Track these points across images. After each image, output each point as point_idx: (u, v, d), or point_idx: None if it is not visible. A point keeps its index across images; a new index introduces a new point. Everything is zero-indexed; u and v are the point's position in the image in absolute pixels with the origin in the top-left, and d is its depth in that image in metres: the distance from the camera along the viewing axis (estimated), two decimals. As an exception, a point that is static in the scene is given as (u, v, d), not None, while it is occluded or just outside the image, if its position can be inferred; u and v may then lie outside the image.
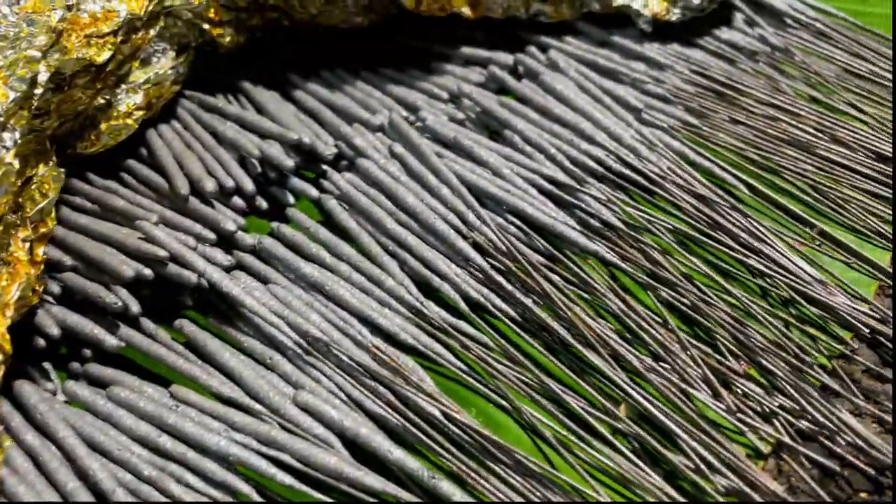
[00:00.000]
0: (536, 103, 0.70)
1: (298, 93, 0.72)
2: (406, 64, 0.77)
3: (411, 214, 0.59)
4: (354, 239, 0.58)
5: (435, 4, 0.73)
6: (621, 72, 0.76)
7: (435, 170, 0.62)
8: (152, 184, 0.60)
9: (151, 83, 0.63)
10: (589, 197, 0.62)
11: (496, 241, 0.57)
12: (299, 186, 0.62)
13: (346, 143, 0.66)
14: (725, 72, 0.78)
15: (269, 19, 0.73)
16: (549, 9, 0.80)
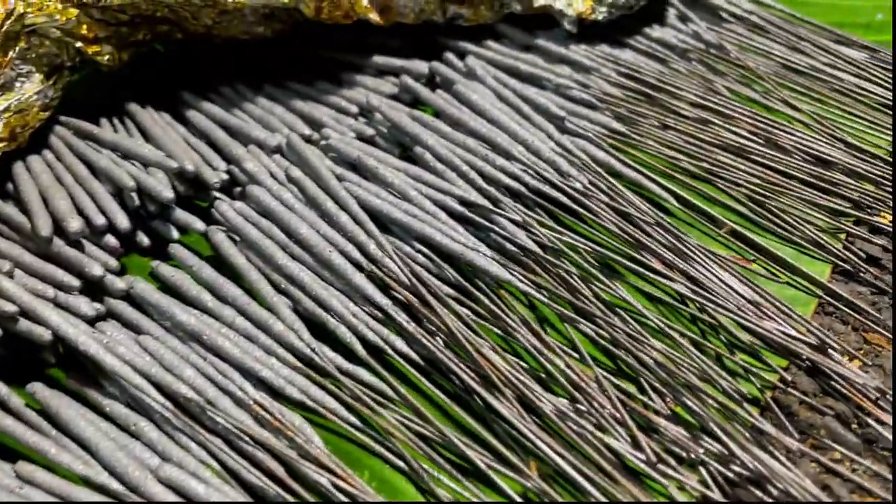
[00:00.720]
0: (450, 116, 0.65)
1: (191, 112, 0.65)
2: (314, 76, 0.71)
3: (305, 247, 0.53)
4: (243, 276, 0.52)
5: (338, 11, 0.67)
6: (544, 77, 0.71)
7: (334, 195, 0.56)
8: (14, 224, 0.54)
9: (13, 111, 0.56)
10: (504, 219, 0.56)
11: (399, 273, 0.51)
12: (184, 219, 0.56)
13: (238, 167, 0.60)
14: (656, 73, 0.74)
15: (159, 32, 0.67)
16: (467, 11, 0.75)
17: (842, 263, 0.57)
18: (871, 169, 0.64)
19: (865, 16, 0.89)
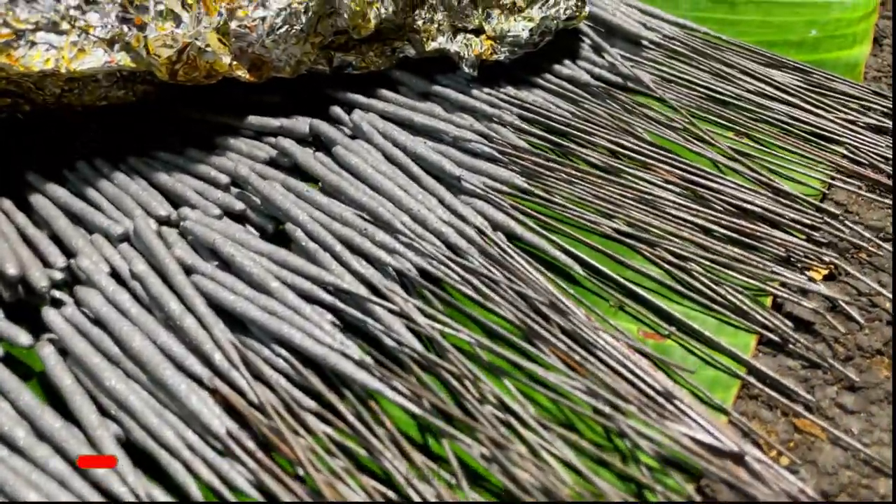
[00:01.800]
0: (329, 183, 0.58)
1: (35, 197, 0.58)
2: (184, 143, 0.64)
3: (138, 363, 0.45)
4: (66, 405, 0.44)
5: (196, 73, 0.60)
6: (442, 129, 0.64)
7: (180, 293, 0.48)
8: None
9: None
10: (381, 309, 0.49)
11: (248, 392, 0.44)
12: (6, 332, 0.48)
13: (77, 262, 0.52)
14: (567, 116, 0.67)
15: (1, 106, 0.59)
16: (355, 59, 0.68)
17: (768, 333, 0.50)
18: (800, 217, 0.57)
19: (798, 33, 0.83)
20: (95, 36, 0.56)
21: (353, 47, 0.68)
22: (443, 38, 0.68)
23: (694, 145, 0.65)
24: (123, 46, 0.57)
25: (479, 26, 0.69)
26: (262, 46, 0.62)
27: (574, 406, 0.44)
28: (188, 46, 0.58)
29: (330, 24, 0.65)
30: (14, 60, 0.53)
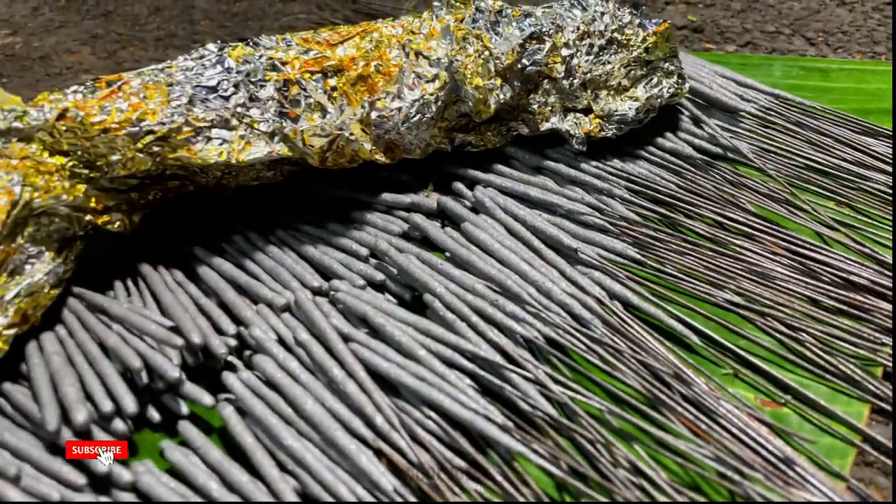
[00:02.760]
0: (460, 257, 0.64)
1: (202, 269, 0.66)
2: (324, 217, 0.71)
3: (311, 423, 0.52)
4: (248, 460, 0.51)
5: (342, 159, 0.67)
6: (555, 203, 0.69)
7: (341, 360, 0.55)
8: (24, 411, 0.54)
9: (24, 295, 0.57)
10: (516, 376, 0.54)
11: (408, 452, 0.50)
12: (193, 393, 0.56)
13: (248, 331, 0.59)
14: (671, 189, 0.72)
15: (170, 189, 0.68)
16: (474, 139, 0.75)
17: (879, 402, 0.54)
18: (905, 289, 0.60)
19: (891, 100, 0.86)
20: (259, 130, 0.64)
21: (472, 128, 0.74)
22: (555, 119, 0.74)
23: (796, 216, 0.69)
24: (282, 138, 0.65)
25: (587, 106, 0.75)
26: (397, 133, 0.69)
27: (700, 471, 0.48)
28: (338, 137, 0.66)
29: (455, 110, 0.72)
30: (193, 154, 0.62)
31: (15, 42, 1.23)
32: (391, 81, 0.69)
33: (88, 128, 0.59)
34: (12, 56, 1.18)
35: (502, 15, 0.74)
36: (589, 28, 0.74)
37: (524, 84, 0.73)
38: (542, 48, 0.72)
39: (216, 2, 1.31)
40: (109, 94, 0.61)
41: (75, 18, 1.29)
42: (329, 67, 0.68)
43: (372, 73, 0.69)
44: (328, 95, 0.67)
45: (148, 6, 1.31)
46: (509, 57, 0.71)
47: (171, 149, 0.61)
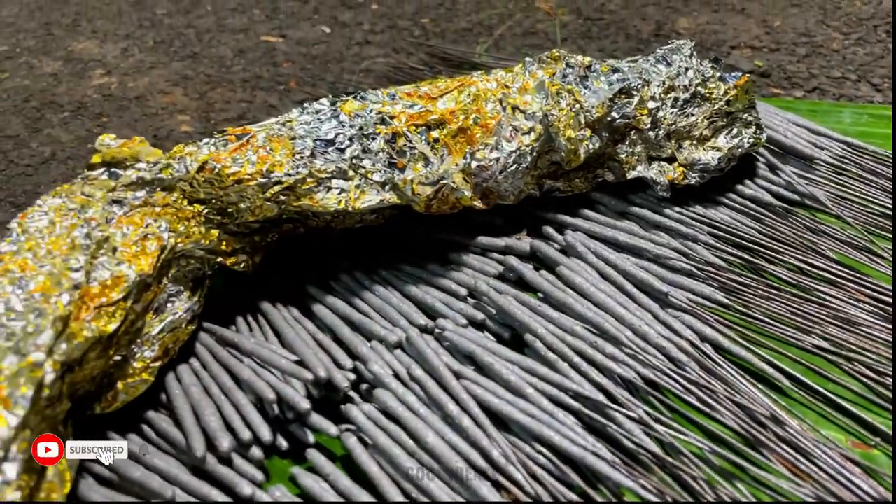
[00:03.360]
0: (556, 299, 0.68)
1: (317, 307, 0.71)
2: (423, 257, 0.76)
3: (433, 455, 0.56)
4: (375, 489, 0.56)
5: (445, 206, 0.73)
6: (643, 248, 0.74)
7: (455, 396, 0.60)
8: (171, 439, 0.59)
9: (167, 331, 0.63)
10: (620, 415, 0.58)
11: (523, 482, 0.54)
12: (319, 423, 0.61)
13: (364, 365, 0.64)
14: (753, 234, 0.75)
15: (284, 231, 0.74)
16: (562, 185, 0.79)
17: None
18: None
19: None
20: (372, 179, 0.69)
21: (560, 175, 0.79)
22: (641, 167, 0.78)
23: (876, 263, 0.72)
24: (392, 187, 0.70)
25: (671, 155, 0.79)
26: (494, 181, 0.74)
27: (800, 509, 0.52)
28: (443, 186, 0.71)
29: (547, 159, 0.77)
30: (315, 203, 0.68)
31: (110, 83, 1.31)
32: (489, 133, 0.74)
33: (224, 178, 0.65)
34: (109, 96, 1.27)
35: (591, 70, 0.78)
36: (674, 82, 0.78)
37: (612, 134, 0.78)
38: (630, 102, 0.77)
39: (296, 44, 1.39)
40: (239, 146, 0.67)
41: (164, 59, 1.37)
42: (432, 121, 0.73)
43: (471, 125, 0.74)
44: (431, 146, 0.73)
45: (232, 48, 1.39)
46: (599, 110, 0.76)
47: (295, 197, 0.67)
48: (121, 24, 1.54)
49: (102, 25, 1.54)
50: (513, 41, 1.32)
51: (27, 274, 0.55)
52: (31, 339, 0.50)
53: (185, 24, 1.51)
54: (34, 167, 1.09)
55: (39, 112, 1.23)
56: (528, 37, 1.34)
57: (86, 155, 1.11)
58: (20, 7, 1.67)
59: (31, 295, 0.53)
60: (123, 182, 0.64)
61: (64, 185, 0.64)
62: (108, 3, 1.63)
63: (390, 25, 1.42)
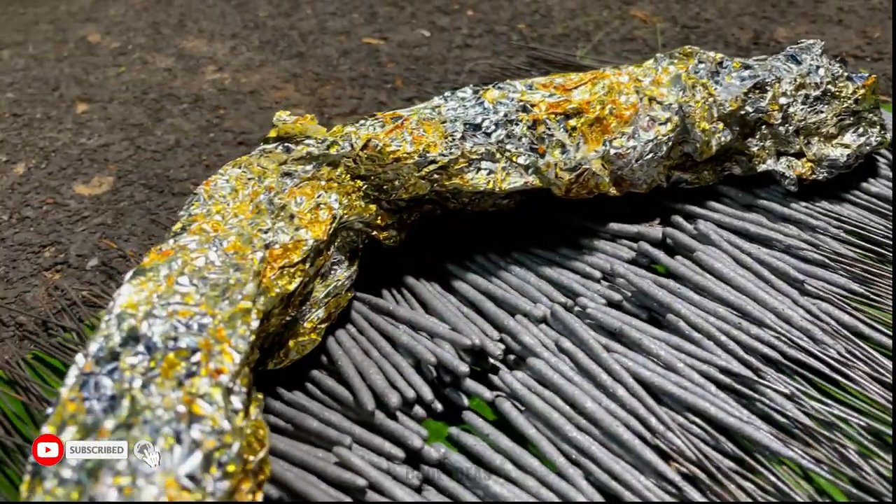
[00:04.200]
0: (695, 282, 0.70)
1: (458, 283, 0.74)
2: (554, 242, 0.79)
3: (592, 420, 0.59)
4: (535, 449, 0.59)
5: (583, 190, 0.75)
6: (773, 238, 0.75)
7: (606, 367, 0.62)
8: (337, 396, 0.63)
9: (331, 296, 0.67)
10: (770, 390, 0.60)
11: (683, 447, 0.56)
12: (472, 388, 0.64)
13: (511, 337, 0.67)
14: (881, 229, 0.76)
15: (424, 211, 0.77)
16: (690, 176, 0.81)
17: None
18: None
19: None
20: (517, 163, 0.73)
21: (690, 167, 0.81)
22: (770, 161, 0.80)
23: None
24: (535, 171, 0.73)
25: (799, 151, 0.81)
26: (630, 169, 0.77)
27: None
28: (585, 171, 0.74)
29: (680, 150, 0.79)
30: (466, 182, 0.71)
31: (223, 78, 1.37)
32: (624, 123, 0.77)
33: (385, 156, 0.69)
34: (224, 90, 1.33)
35: (722, 66, 0.81)
36: (805, 80, 0.80)
37: (742, 128, 0.80)
38: (763, 97, 0.79)
39: (398, 46, 1.43)
40: (394, 128, 0.71)
41: (272, 58, 1.43)
42: (570, 110, 0.76)
43: (606, 115, 0.77)
44: (568, 134, 0.76)
45: (336, 49, 1.44)
46: (732, 104, 0.78)
47: (447, 177, 0.71)
48: (225, 24, 1.61)
49: (208, 26, 1.61)
50: (611, 47, 1.35)
51: (220, 234, 0.59)
52: (237, 289, 0.54)
53: (288, 25, 1.57)
54: (161, 153, 1.15)
55: (159, 103, 1.30)
56: (625, 42, 1.37)
57: (209, 143, 1.17)
58: (126, 7, 1.76)
59: (226, 253, 0.58)
60: (294, 156, 0.69)
61: (242, 157, 0.68)
62: (212, 5, 1.71)
63: (487, 30, 1.46)
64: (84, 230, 0.98)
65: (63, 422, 0.45)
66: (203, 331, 0.50)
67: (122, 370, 0.47)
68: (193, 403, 0.45)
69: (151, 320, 0.50)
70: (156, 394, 0.45)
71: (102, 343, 0.49)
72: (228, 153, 1.13)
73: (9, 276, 0.90)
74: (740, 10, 1.46)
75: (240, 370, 0.49)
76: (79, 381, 0.47)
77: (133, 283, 0.53)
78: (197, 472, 0.43)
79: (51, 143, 1.20)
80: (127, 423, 0.44)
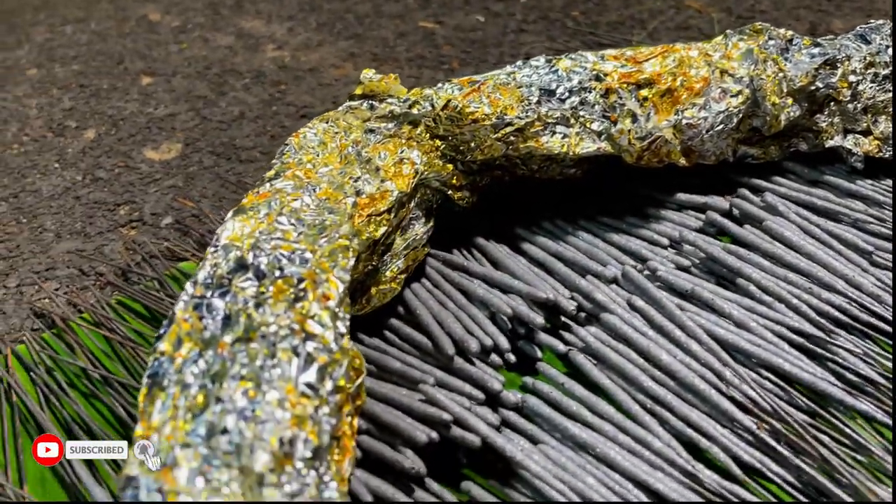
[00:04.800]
0: (765, 250, 0.71)
1: (526, 245, 0.76)
2: (621, 210, 0.81)
3: (667, 372, 0.60)
4: (610, 397, 0.60)
5: (654, 158, 0.77)
6: (840, 212, 0.76)
7: (680, 324, 0.64)
8: (415, 343, 0.65)
9: (410, 248, 0.69)
10: (842, 350, 0.61)
11: (758, 399, 0.58)
12: (546, 341, 0.66)
13: (583, 296, 0.69)
14: (950, 207, 0.77)
15: (494, 177, 0.79)
16: (757, 151, 0.83)
17: None
18: None
19: None
20: (591, 129, 0.74)
21: (757, 142, 0.83)
22: (838, 137, 0.81)
23: None
24: (607, 137, 0.75)
25: (866, 129, 0.82)
26: (700, 140, 0.78)
27: None
28: (657, 139, 0.75)
29: (749, 123, 0.80)
30: (541, 145, 0.73)
31: (283, 56, 1.41)
32: (695, 95, 0.78)
33: (464, 117, 0.71)
34: (284, 67, 1.36)
35: (792, 43, 0.82)
36: (874, 59, 0.81)
37: (810, 105, 0.81)
38: (834, 73, 0.80)
39: (453, 30, 1.46)
40: (472, 91, 0.74)
41: (330, 38, 1.46)
42: (642, 80, 0.78)
43: (677, 87, 0.78)
44: (640, 104, 0.77)
45: (392, 32, 1.47)
46: (803, 79, 0.79)
47: (523, 140, 0.73)
48: (282, 6, 1.64)
49: (265, 7, 1.64)
50: (666, 35, 1.36)
51: (312, 181, 0.62)
52: (333, 229, 0.56)
53: (344, 9, 1.60)
54: (226, 123, 1.18)
55: (221, 78, 1.33)
56: (680, 31, 1.38)
57: (272, 115, 1.20)
58: (184, -11, 1.80)
59: (320, 198, 0.60)
60: (378, 114, 0.71)
61: (328, 113, 0.71)
62: (268, -12, 1.75)
63: (542, 17, 1.48)
64: (156, 191, 1.01)
65: (179, 339, 0.47)
66: (306, 263, 0.52)
67: (235, 293, 0.49)
68: (305, 323, 0.47)
69: (257, 252, 0.53)
70: (269, 314, 0.48)
71: (210, 271, 0.52)
72: (292, 125, 1.16)
73: (86, 231, 0.94)
74: (795, 2, 1.46)
75: (343, 299, 0.51)
76: (191, 304, 0.49)
77: (236, 220, 0.56)
78: (314, 381, 0.45)
79: (118, 111, 1.24)
80: (245, 338, 0.46)
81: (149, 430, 0.43)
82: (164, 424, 0.42)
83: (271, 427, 0.42)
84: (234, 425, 0.42)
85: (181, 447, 0.41)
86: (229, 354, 0.45)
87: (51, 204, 1.00)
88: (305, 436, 0.43)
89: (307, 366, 0.46)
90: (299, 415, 0.43)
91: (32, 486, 0.58)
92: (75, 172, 1.07)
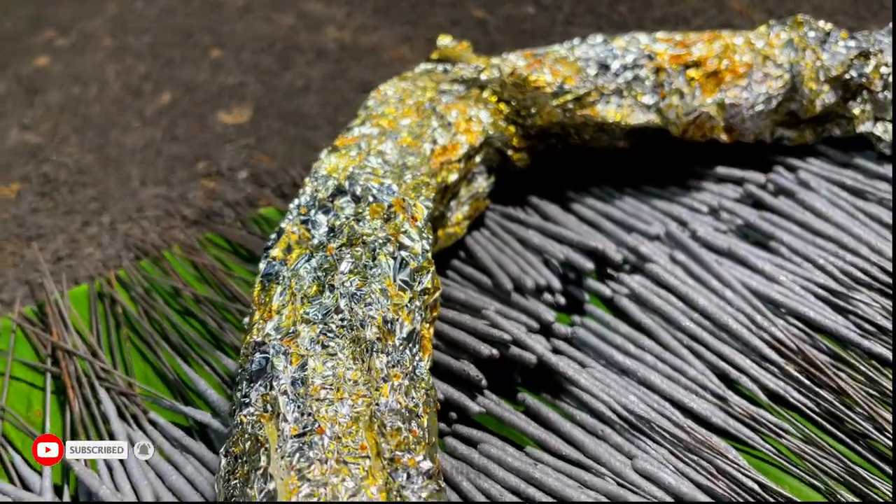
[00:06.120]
0: (796, 218, 0.78)
1: (576, 206, 0.84)
2: (664, 180, 0.88)
3: (704, 314, 0.67)
4: (651, 334, 0.67)
5: (698, 133, 0.84)
6: (867, 191, 0.83)
7: (717, 275, 0.71)
8: (476, 281, 0.73)
9: (473, 198, 0.77)
10: (862, 304, 0.68)
11: (785, 340, 0.64)
12: (593, 286, 0.73)
13: (629, 250, 0.76)
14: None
15: (549, 144, 0.87)
16: (793, 134, 0.89)
17: None
18: None
19: None
20: (642, 102, 0.82)
21: (793, 125, 0.89)
22: (868, 124, 0.88)
23: None
24: (657, 110, 0.82)
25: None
26: (741, 119, 0.85)
27: None
28: (702, 114, 0.82)
29: (786, 107, 0.87)
30: (596, 114, 0.80)
31: (343, 36, 1.49)
32: (738, 77, 0.85)
33: (528, 84, 0.79)
34: (345, 47, 1.45)
35: (830, 36, 0.89)
36: (907, 52, 0.88)
37: (844, 92, 0.87)
38: (867, 63, 0.86)
39: (503, 20, 1.54)
40: (534, 62, 0.81)
41: (386, 24, 1.55)
42: (690, 61, 0.85)
43: (722, 70, 0.85)
44: (687, 83, 0.84)
45: (445, 18, 1.55)
46: (838, 68, 0.86)
47: (580, 107, 0.80)
48: (340, -7, 1.73)
49: (324, -7, 1.73)
50: (708, 32, 1.43)
51: (393, 130, 0.70)
52: (414, 169, 0.64)
53: (399, -3, 1.69)
54: (293, 93, 1.27)
55: (286, 54, 1.42)
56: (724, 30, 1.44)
57: (336, 89, 1.29)
58: (245, -27, 1.90)
59: (401, 145, 0.68)
60: (450, 77, 0.79)
61: (406, 73, 0.79)
62: (327, -25, 1.84)
63: (589, 11, 1.56)
64: (232, 150, 1.10)
65: (289, 246, 0.55)
66: (394, 193, 0.60)
67: (336, 211, 0.57)
68: (399, 235, 0.55)
69: (352, 181, 0.61)
70: (368, 227, 0.55)
71: (311, 195, 0.60)
72: (355, 98, 1.24)
73: (169, 180, 1.03)
74: (833, 8, 1.52)
75: (427, 223, 0.59)
76: (297, 219, 0.57)
77: (332, 156, 0.64)
78: (409, 280, 0.53)
79: (191, 79, 1.33)
80: (349, 243, 0.54)
81: (269, 314, 0.50)
82: (282, 307, 0.50)
83: (377, 308, 0.50)
84: (346, 305, 0.50)
85: (301, 322, 0.49)
86: (337, 255, 0.53)
87: (134, 156, 1.09)
88: (402, 320, 0.51)
89: (402, 268, 0.53)
90: (397, 303, 0.51)
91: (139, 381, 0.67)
92: (154, 130, 1.16)
